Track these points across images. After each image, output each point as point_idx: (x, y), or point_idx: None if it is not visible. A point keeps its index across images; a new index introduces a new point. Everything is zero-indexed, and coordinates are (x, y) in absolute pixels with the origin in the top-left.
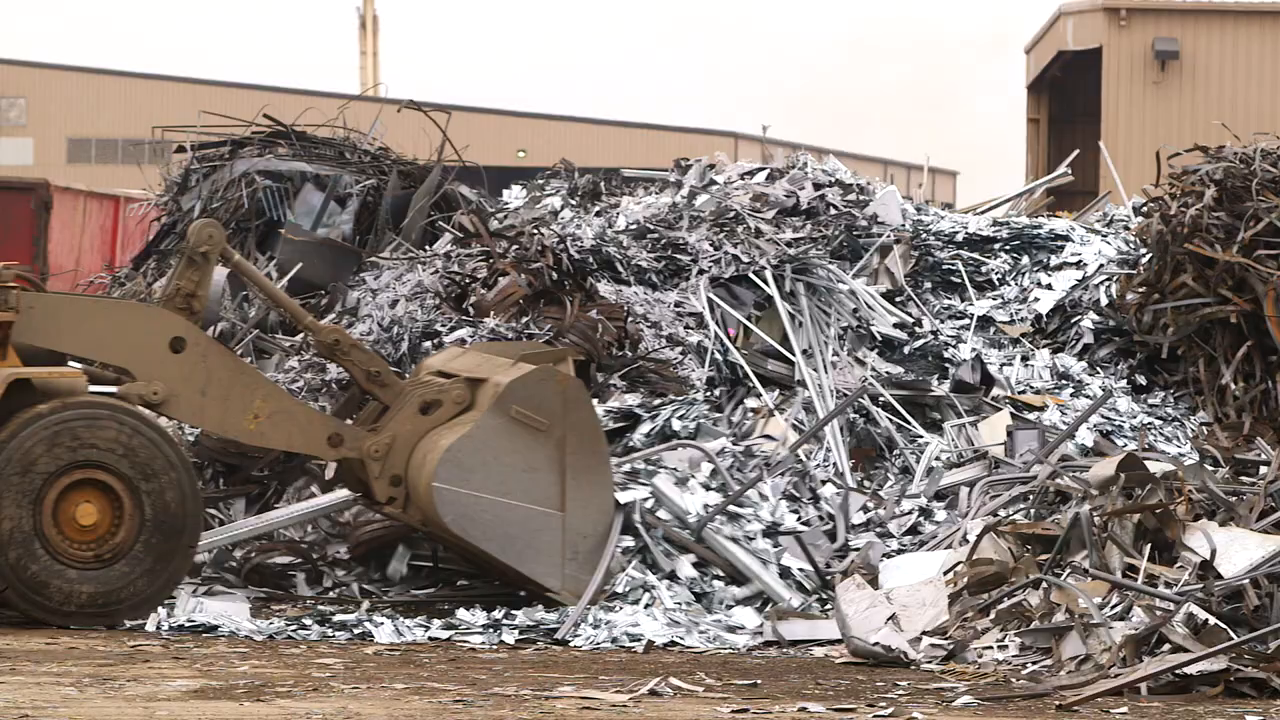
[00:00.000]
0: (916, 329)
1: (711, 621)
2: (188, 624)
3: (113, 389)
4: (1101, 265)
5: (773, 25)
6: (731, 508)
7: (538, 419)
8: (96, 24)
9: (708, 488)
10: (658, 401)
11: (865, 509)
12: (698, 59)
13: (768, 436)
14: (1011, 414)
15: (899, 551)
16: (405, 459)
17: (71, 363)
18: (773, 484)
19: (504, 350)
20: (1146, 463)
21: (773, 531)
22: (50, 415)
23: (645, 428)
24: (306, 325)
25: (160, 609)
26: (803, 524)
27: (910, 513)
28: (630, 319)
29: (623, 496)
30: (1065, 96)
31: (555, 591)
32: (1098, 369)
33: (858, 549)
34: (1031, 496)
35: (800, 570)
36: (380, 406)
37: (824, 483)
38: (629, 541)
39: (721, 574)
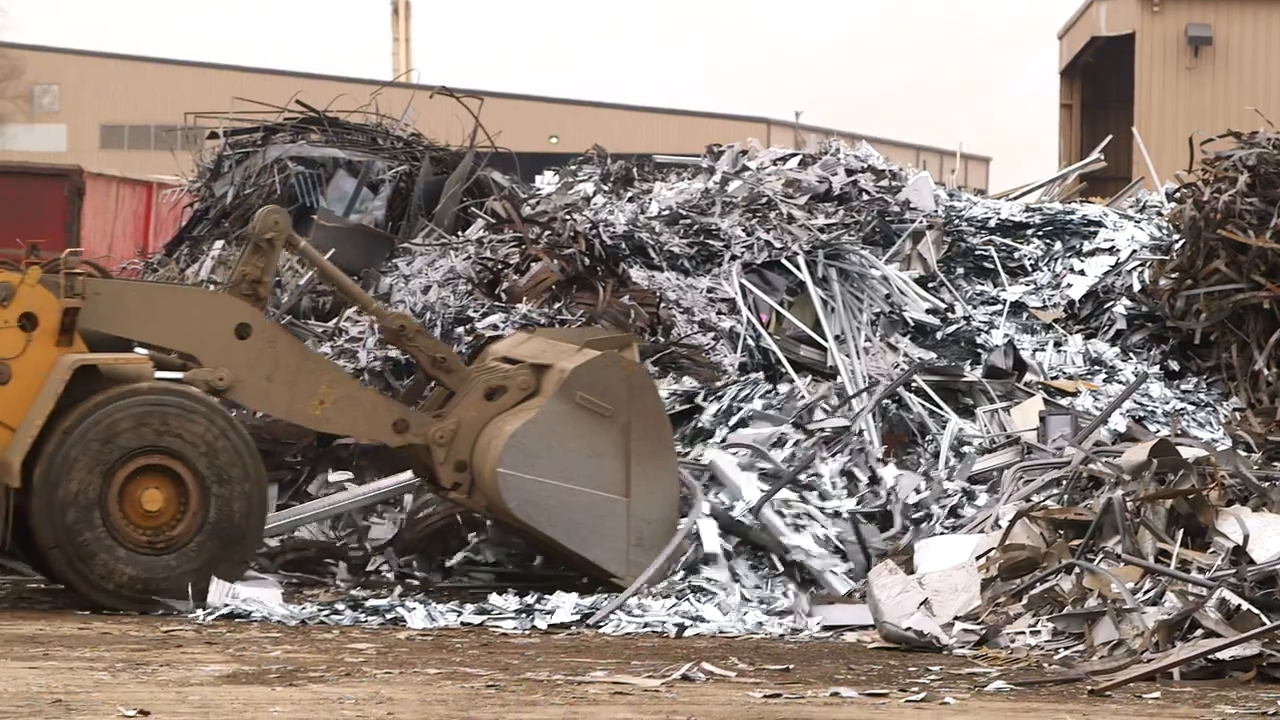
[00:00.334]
0: (949, 315)
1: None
2: (220, 609)
3: (179, 375)
4: (1134, 251)
5: (809, 4)
6: (791, 493)
7: (602, 405)
8: (130, 10)
9: (765, 474)
10: (720, 383)
11: (917, 490)
12: (732, 40)
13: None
14: (1044, 399)
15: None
16: (470, 445)
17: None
18: (830, 467)
19: (569, 336)
20: (1179, 448)
21: (832, 514)
22: (146, 395)
23: (712, 408)
24: (373, 311)
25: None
26: (858, 506)
27: (954, 494)
28: (663, 305)
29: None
30: (1098, 82)
31: (619, 577)
32: (1130, 355)
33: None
34: (1064, 482)
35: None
36: (445, 392)
37: (883, 462)
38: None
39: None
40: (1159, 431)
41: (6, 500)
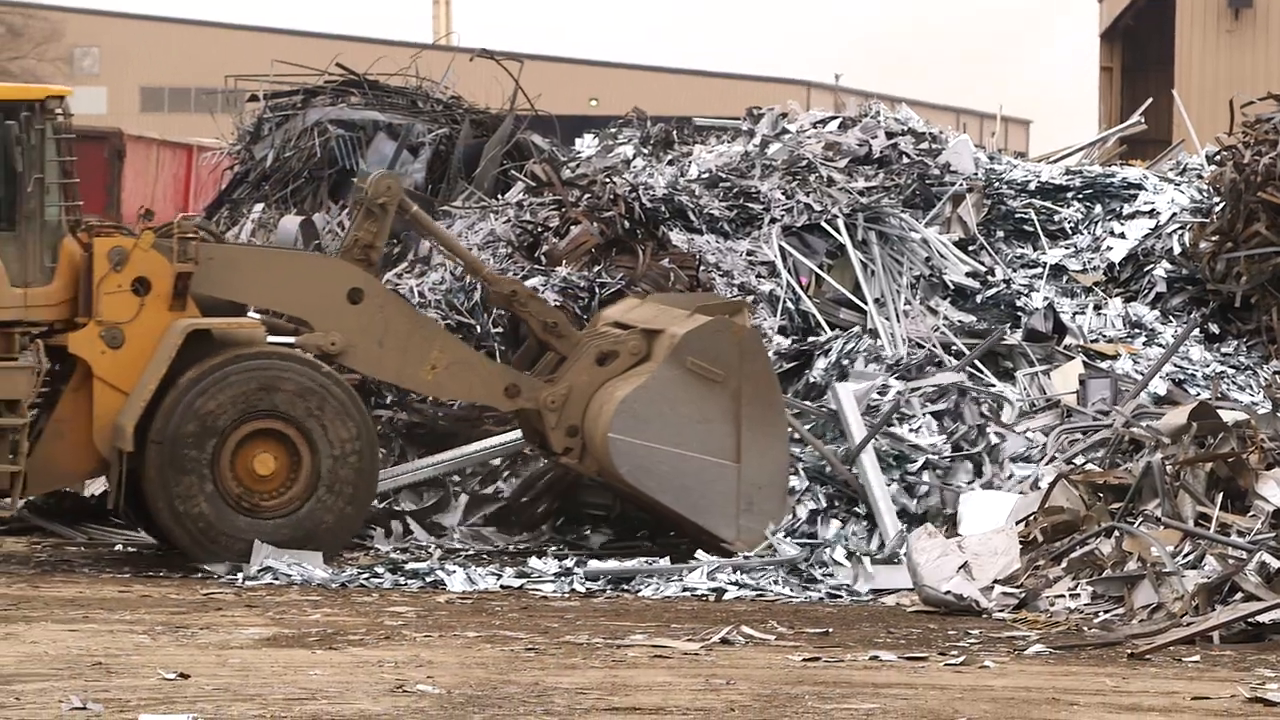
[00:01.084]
0: (989, 278)
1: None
2: (260, 572)
3: (291, 339)
4: (1174, 214)
5: None
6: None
7: (713, 370)
8: None
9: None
10: (825, 337)
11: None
12: (773, 3)
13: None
14: (1084, 363)
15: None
16: (582, 410)
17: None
18: (926, 419)
19: (679, 301)
20: (1219, 411)
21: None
22: (258, 359)
23: (821, 363)
24: (484, 276)
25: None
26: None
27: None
28: (702, 268)
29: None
30: (1138, 45)
31: (730, 542)
32: (1170, 318)
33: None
34: (1106, 445)
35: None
36: (557, 357)
37: (985, 418)
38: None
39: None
40: (1199, 395)
41: (120, 464)
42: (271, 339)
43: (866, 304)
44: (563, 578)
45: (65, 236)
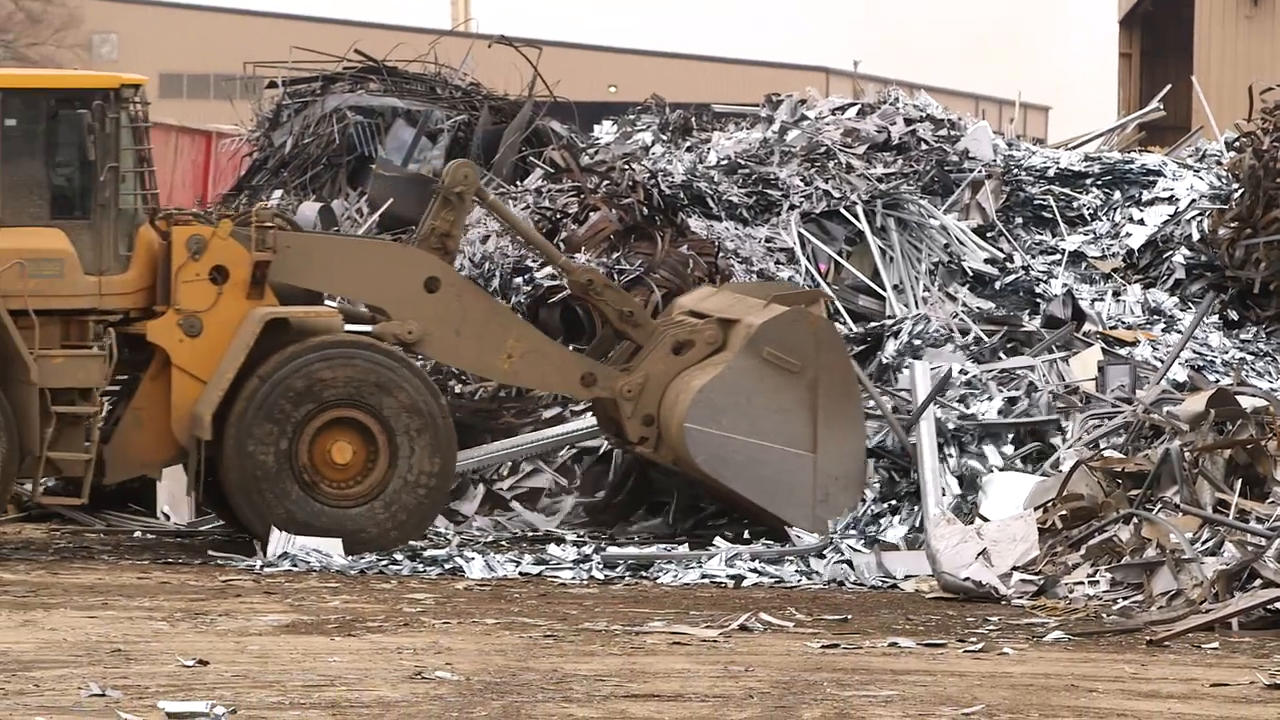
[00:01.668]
0: (1008, 264)
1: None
2: (279, 558)
3: (368, 328)
4: (1193, 200)
5: None
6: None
7: (790, 360)
8: None
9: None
10: (891, 320)
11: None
12: None
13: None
14: (1103, 349)
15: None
16: (658, 399)
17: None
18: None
19: (755, 291)
20: (1238, 398)
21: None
22: (335, 348)
23: (891, 345)
24: (560, 264)
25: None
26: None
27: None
28: (721, 255)
29: None
30: (1157, 31)
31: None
32: (1189, 304)
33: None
34: (1128, 429)
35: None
36: (633, 346)
37: (1054, 395)
38: None
39: None
40: (1219, 381)
41: (198, 452)
42: (349, 327)
43: (885, 291)
44: (581, 564)
45: (142, 225)
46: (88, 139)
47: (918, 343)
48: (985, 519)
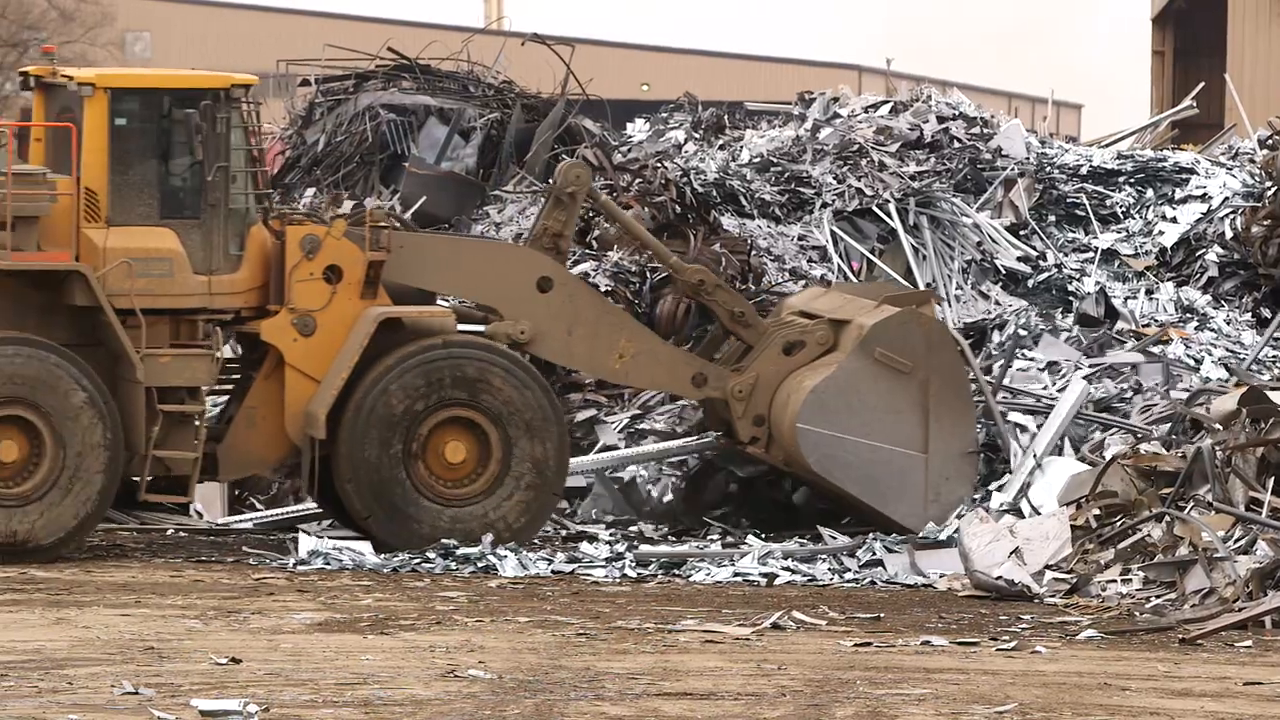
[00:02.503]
0: (1040, 262)
1: None
2: (311, 556)
3: (480, 328)
4: (1226, 198)
5: None
6: None
7: (902, 361)
8: None
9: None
10: (995, 312)
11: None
12: None
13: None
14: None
15: None
16: (768, 399)
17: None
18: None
19: (866, 291)
20: (1270, 396)
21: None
22: (449, 348)
23: (997, 337)
24: (672, 265)
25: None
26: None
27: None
28: (753, 252)
29: None
30: (1190, 29)
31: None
32: (1222, 302)
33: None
34: (1171, 421)
35: None
36: (743, 346)
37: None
38: None
39: None
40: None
41: (312, 451)
42: (461, 327)
43: (918, 288)
44: (614, 562)
45: (255, 224)
46: (196, 139)
47: (1023, 333)
48: (1031, 507)
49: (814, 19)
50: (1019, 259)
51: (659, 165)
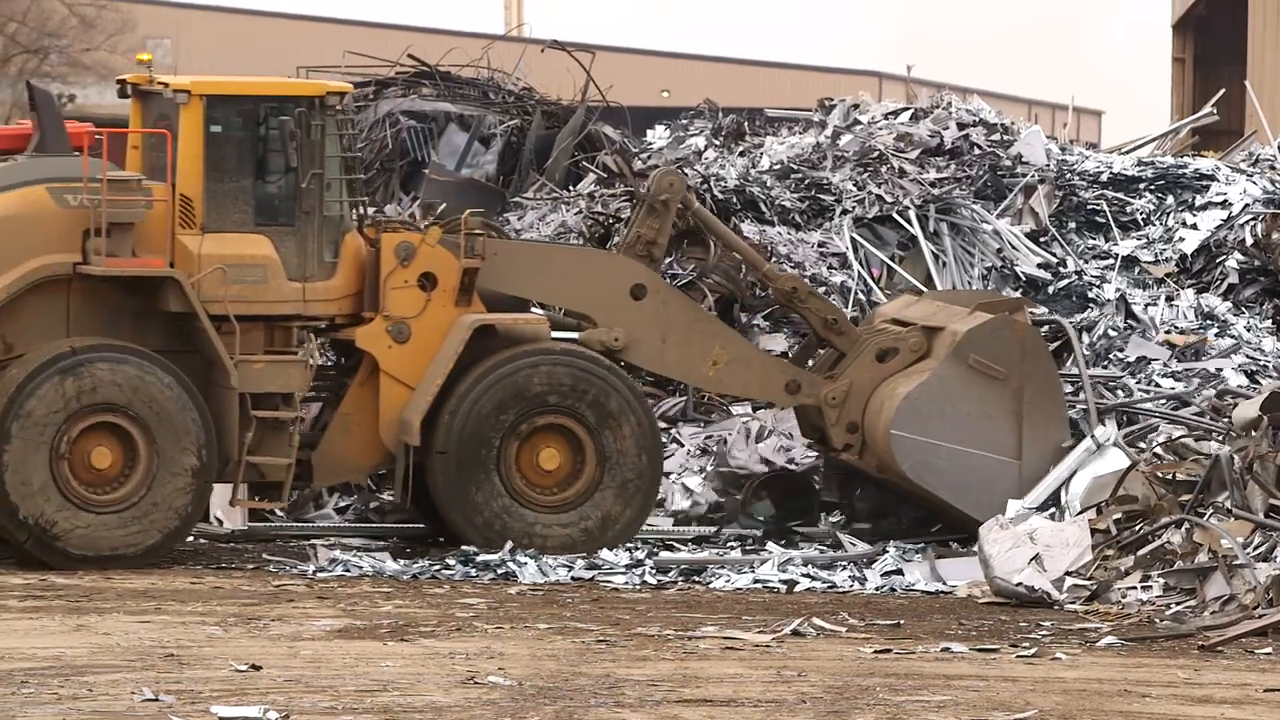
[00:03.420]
0: (1061, 269)
1: None
2: (330, 564)
3: (574, 335)
4: (1247, 205)
5: None
6: None
7: (995, 367)
8: None
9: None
10: (1079, 316)
11: None
12: None
13: None
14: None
15: None
16: (862, 406)
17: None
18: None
19: (958, 298)
20: None
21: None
22: (543, 355)
23: (1085, 339)
24: (764, 273)
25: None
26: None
27: None
28: (773, 259)
29: None
30: (1211, 35)
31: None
32: (1242, 309)
33: None
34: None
35: None
36: (836, 353)
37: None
38: None
39: None
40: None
41: (406, 458)
42: (555, 334)
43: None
44: (634, 569)
45: (349, 231)
46: (291, 146)
47: (1114, 334)
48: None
49: (834, 25)
50: (1039, 266)
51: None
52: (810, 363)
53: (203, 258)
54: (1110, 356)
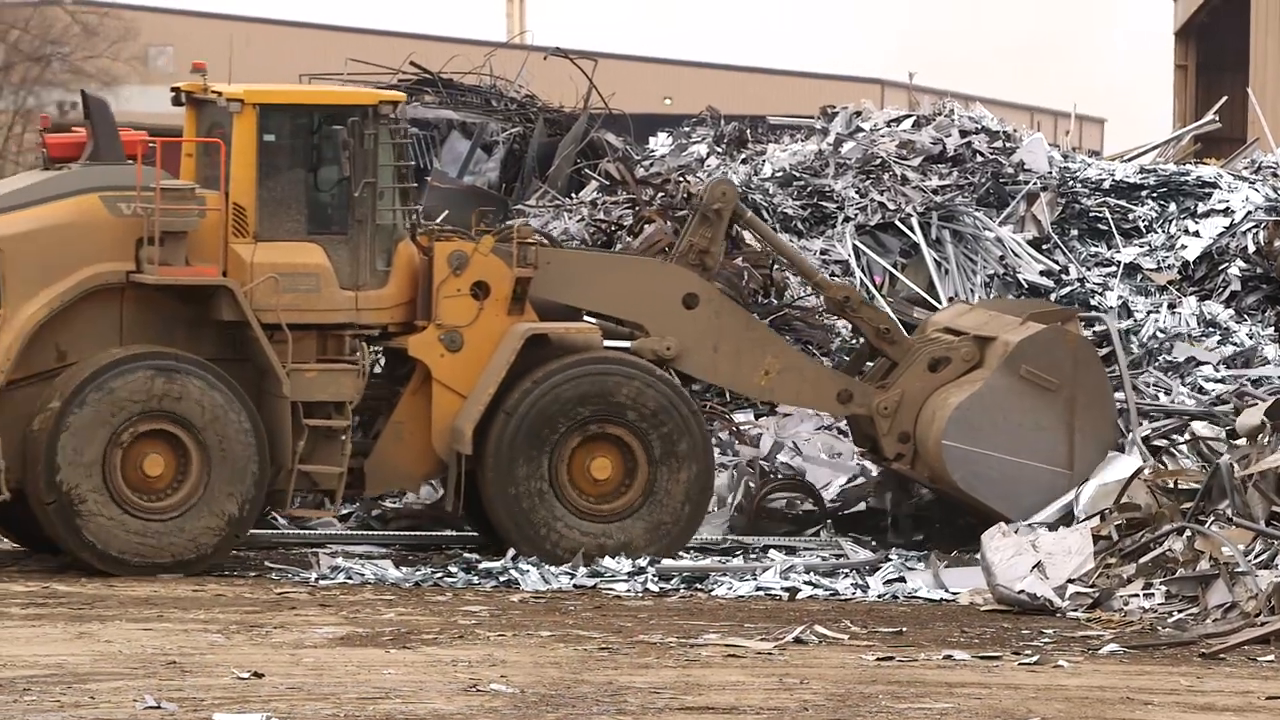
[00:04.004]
0: (1063, 276)
1: None
2: (332, 572)
3: (626, 344)
4: (1249, 212)
5: None
6: None
7: (1047, 378)
8: None
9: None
10: (1125, 322)
11: None
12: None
13: None
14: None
15: None
16: (914, 416)
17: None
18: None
19: (1011, 308)
20: None
21: None
22: (595, 365)
23: (1134, 342)
24: (817, 283)
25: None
26: None
27: None
28: (776, 267)
29: None
30: (1213, 43)
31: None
32: (1245, 316)
33: None
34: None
35: None
36: (888, 363)
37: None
38: None
39: None
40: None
41: (458, 466)
42: (607, 343)
43: (940, 303)
44: (636, 576)
45: (402, 240)
46: (344, 155)
47: (1161, 335)
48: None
49: (836, 33)
50: (1041, 273)
51: (681, 179)
52: (862, 372)
53: (255, 266)
54: (1158, 359)
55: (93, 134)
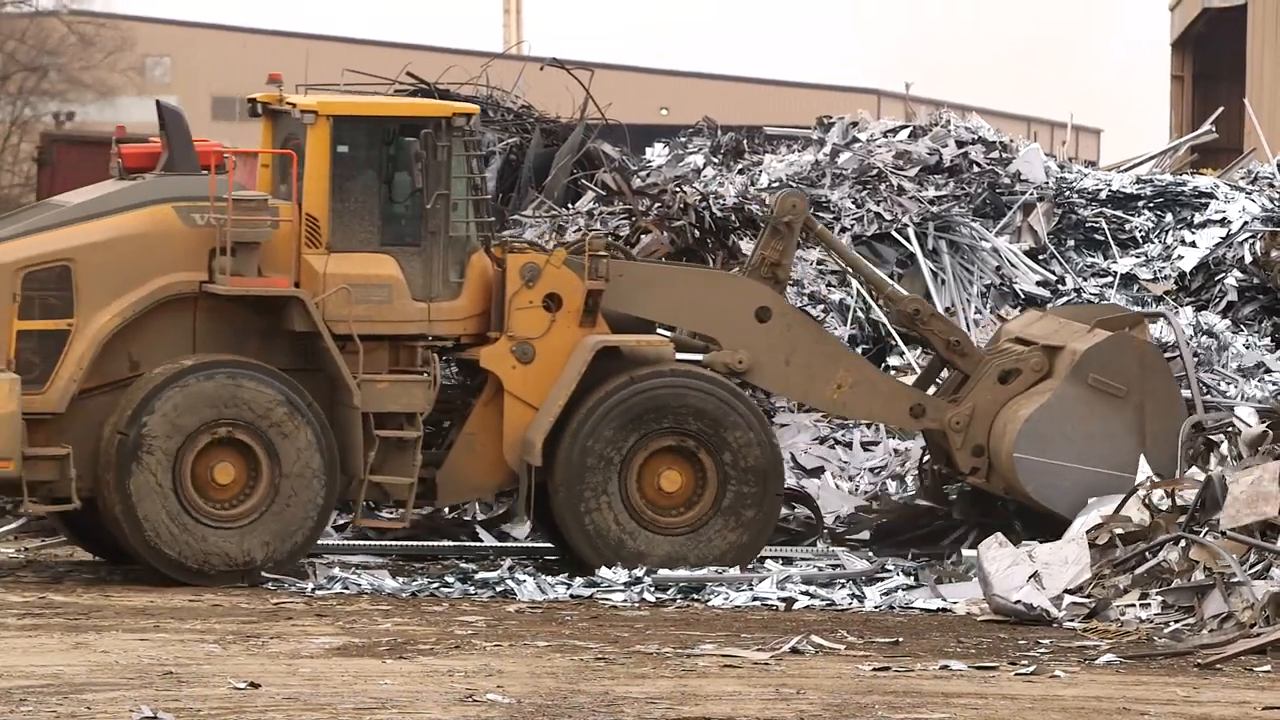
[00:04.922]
0: (1059, 287)
1: None
2: (328, 582)
3: (698, 357)
4: (1245, 223)
5: None
6: None
7: (1115, 385)
8: None
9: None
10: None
11: None
12: (843, 10)
13: None
14: None
15: None
16: (986, 429)
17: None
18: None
19: (1080, 315)
20: None
21: None
22: (667, 378)
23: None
24: (887, 295)
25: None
26: None
27: None
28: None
29: None
30: (1210, 54)
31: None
32: (1241, 327)
33: None
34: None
35: None
36: (960, 376)
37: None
38: None
39: None
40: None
41: (529, 477)
42: (680, 356)
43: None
44: (632, 586)
45: (475, 252)
46: (417, 167)
47: (1211, 338)
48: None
49: (833, 43)
50: (1038, 283)
51: (678, 189)
52: (935, 385)
53: (328, 277)
54: (1220, 365)
55: (167, 144)
